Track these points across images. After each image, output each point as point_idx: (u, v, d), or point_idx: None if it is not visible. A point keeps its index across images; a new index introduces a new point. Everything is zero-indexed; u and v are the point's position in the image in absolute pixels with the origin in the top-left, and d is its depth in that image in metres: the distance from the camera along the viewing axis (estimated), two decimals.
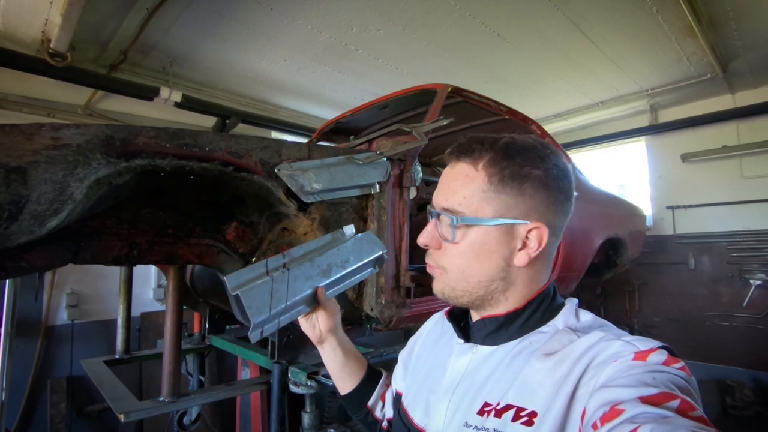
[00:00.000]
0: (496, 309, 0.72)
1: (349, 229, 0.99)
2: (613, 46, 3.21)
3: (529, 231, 0.68)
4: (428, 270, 0.77)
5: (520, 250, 0.69)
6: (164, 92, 3.23)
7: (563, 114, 4.72)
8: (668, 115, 4.49)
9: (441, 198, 0.73)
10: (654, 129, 4.53)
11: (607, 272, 3.48)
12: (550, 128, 4.32)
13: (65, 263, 1.23)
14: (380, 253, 1.00)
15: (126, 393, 1.48)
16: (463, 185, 0.69)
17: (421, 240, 0.74)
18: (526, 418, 0.59)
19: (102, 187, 1.05)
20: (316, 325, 0.96)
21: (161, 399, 1.42)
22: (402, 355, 0.98)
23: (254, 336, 0.86)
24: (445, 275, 0.73)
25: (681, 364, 0.55)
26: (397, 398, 0.90)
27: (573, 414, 0.56)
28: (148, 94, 3.20)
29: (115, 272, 2.09)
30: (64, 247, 1.22)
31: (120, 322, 1.98)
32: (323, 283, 0.91)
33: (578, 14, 2.77)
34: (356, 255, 0.96)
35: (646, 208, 4.35)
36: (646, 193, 4.66)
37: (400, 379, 0.94)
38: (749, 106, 3.94)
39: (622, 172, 5.07)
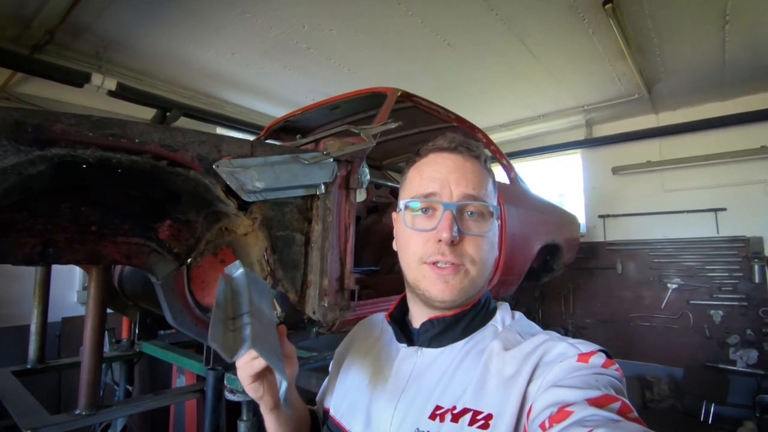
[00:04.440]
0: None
1: (236, 267, 0.84)
2: (555, 61, 3.40)
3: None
4: (443, 271, 0.69)
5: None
6: (96, 79, 2.97)
7: (508, 124, 4.93)
8: (602, 130, 4.85)
9: (464, 187, 0.71)
10: (588, 143, 4.87)
11: (545, 276, 3.66)
12: (496, 137, 4.48)
13: None
14: (268, 285, 0.90)
15: (36, 406, 1.33)
16: (482, 179, 0.74)
17: (447, 235, 0.67)
18: (482, 422, 0.59)
19: (9, 177, 0.94)
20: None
21: (77, 412, 1.29)
22: (330, 370, 0.91)
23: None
24: (472, 269, 0.69)
25: (616, 366, 0.59)
26: (326, 414, 0.84)
27: (524, 412, 0.58)
28: (78, 79, 2.93)
29: (32, 273, 1.89)
30: None
31: (33, 328, 1.79)
32: (277, 322, 0.76)
33: (523, 30, 2.90)
34: (260, 293, 0.81)
35: (581, 217, 4.65)
36: (581, 202, 4.98)
37: (330, 395, 0.86)
38: (669, 125, 4.35)
39: (560, 182, 5.37)
